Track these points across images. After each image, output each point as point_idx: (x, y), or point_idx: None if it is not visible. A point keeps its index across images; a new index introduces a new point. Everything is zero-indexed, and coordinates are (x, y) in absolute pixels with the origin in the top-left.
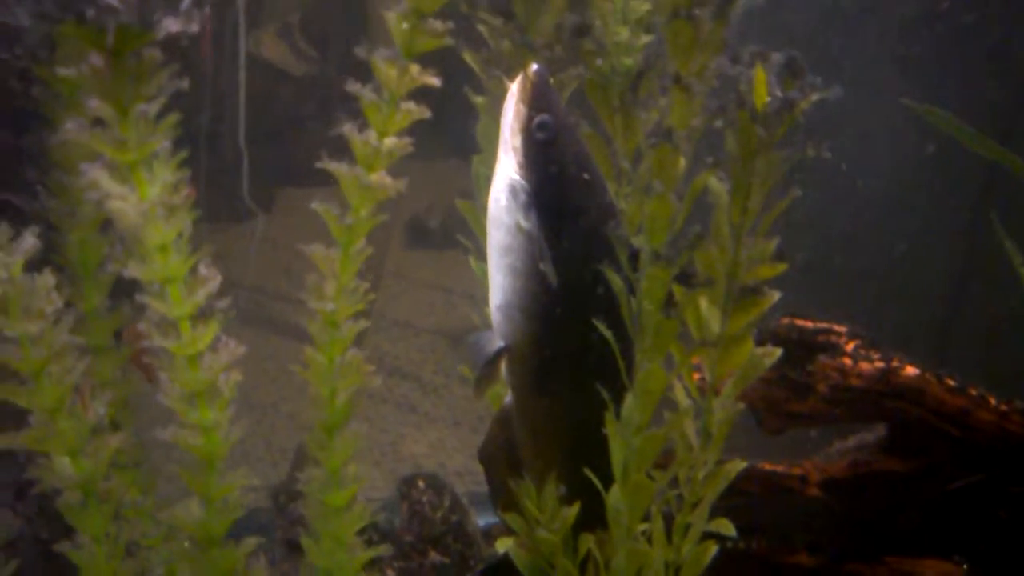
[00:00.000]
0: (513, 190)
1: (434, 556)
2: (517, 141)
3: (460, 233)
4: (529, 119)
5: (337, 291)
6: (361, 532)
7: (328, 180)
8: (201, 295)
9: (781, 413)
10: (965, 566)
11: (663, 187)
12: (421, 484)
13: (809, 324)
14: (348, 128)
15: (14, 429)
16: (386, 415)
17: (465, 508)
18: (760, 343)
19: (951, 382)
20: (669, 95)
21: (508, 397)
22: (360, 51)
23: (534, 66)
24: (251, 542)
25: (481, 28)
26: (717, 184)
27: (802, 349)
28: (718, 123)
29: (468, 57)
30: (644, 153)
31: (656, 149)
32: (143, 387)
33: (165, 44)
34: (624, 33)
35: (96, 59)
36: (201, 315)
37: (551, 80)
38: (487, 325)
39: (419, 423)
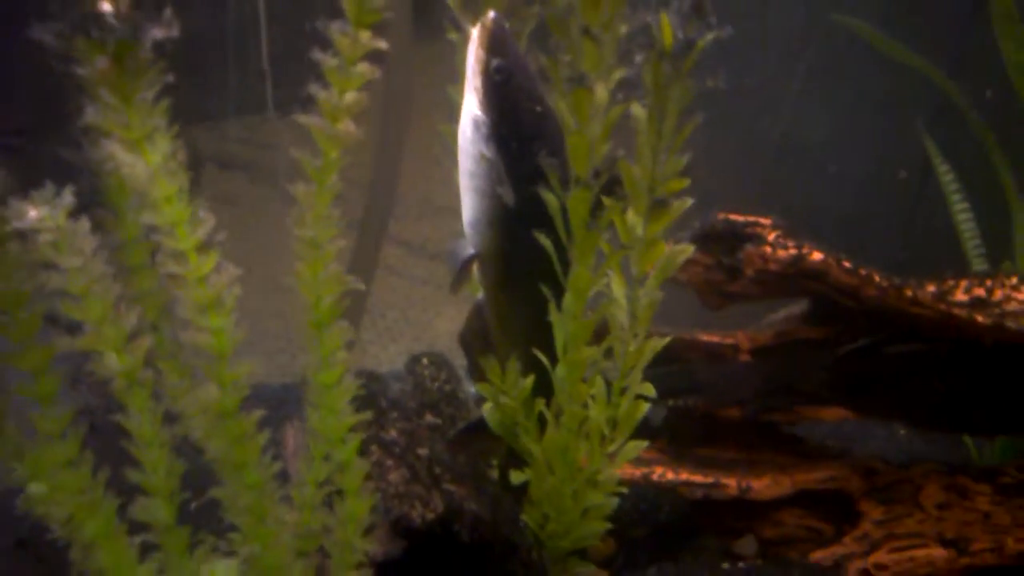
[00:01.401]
0: (476, 124)
1: (429, 418)
2: (478, 82)
3: None
4: (487, 63)
5: (315, 219)
6: (372, 401)
7: None
8: (201, 232)
9: (718, 293)
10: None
11: (579, 124)
12: (425, 361)
13: (739, 218)
14: (313, 88)
15: None
16: (425, 296)
17: (459, 379)
18: (699, 233)
19: (847, 264)
20: (581, 44)
21: (480, 294)
22: (318, 24)
23: (491, 14)
24: (257, 413)
25: None
26: (640, 110)
27: (734, 239)
28: (633, 65)
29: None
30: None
31: (572, 92)
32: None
33: None
34: None
35: (102, 63)
36: (204, 246)
37: (507, 26)
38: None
39: (455, 302)
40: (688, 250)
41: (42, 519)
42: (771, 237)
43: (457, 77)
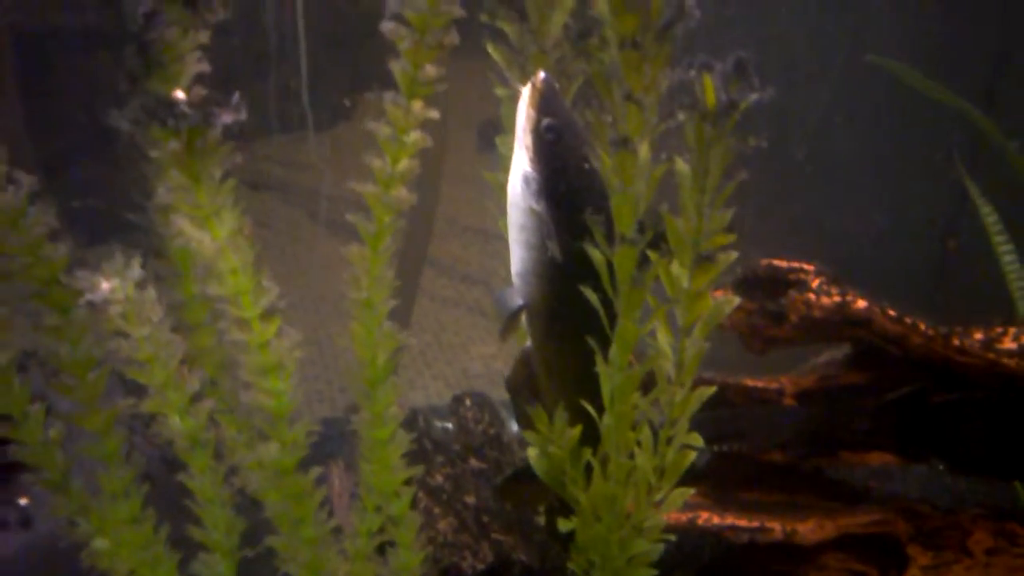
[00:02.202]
0: (527, 180)
1: (474, 463)
2: (528, 140)
3: None
4: (537, 122)
5: (370, 282)
6: (417, 442)
7: None
8: (264, 302)
9: (762, 338)
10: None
11: (623, 185)
12: (468, 402)
13: (783, 264)
14: (367, 158)
15: None
16: (459, 318)
17: (503, 421)
18: (742, 280)
19: (892, 312)
20: (624, 107)
21: (528, 342)
22: (371, 95)
23: (541, 74)
24: (316, 470)
25: (503, 26)
26: (684, 167)
27: (777, 285)
28: (675, 121)
29: (492, 51)
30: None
31: (615, 154)
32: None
33: None
34: None
35: (175, 145)
36: (267, 313)
37: (556, 85)
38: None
39: (488, 326)
40: (734, 301)
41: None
42: (815, 284)
43: (502, 127)
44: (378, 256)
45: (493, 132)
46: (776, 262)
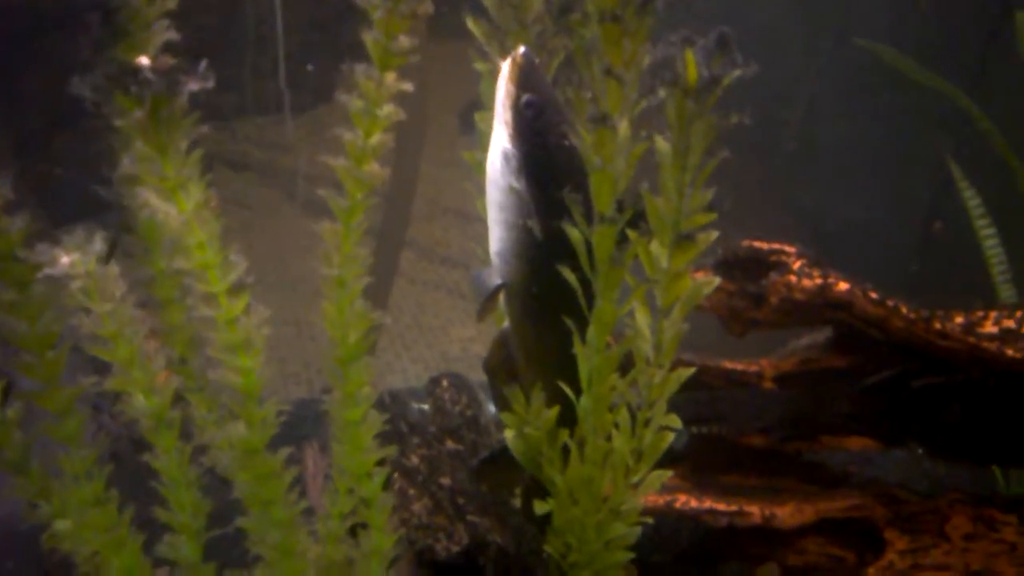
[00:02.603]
0: (506, 157)
1: (451, 444)
2: (508, 116)
3: None
4: (517, 98)
5: (342, 259)
6: (392, 424)
7: None
8: (231, 277)
9: (742, 320)
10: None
11: (602, 162)
12: (445, 383)
13: (764, 245)
14: (339, 132)
15: None
16: (439, 301)
17: (480, 403)
18: (723, 260)
19: (873, 295)
20: (604, 83)
21: (505, 323)
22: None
23: (521, 49)
24: (286, 451)
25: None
26: (664, 145)
27: (758, 266)
28: (656, 97)
29: (472, 25)
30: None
31: (595, 131)
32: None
33: None
34: None
35: (139, 114)
36: (235, 289)
37: (536, 60)
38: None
39: (468, 308)
40: (713, 282)
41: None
42: (796, 266)
43: (480, 103)
44: (350, 232)
45: (474, 113)
46: (757, 243)
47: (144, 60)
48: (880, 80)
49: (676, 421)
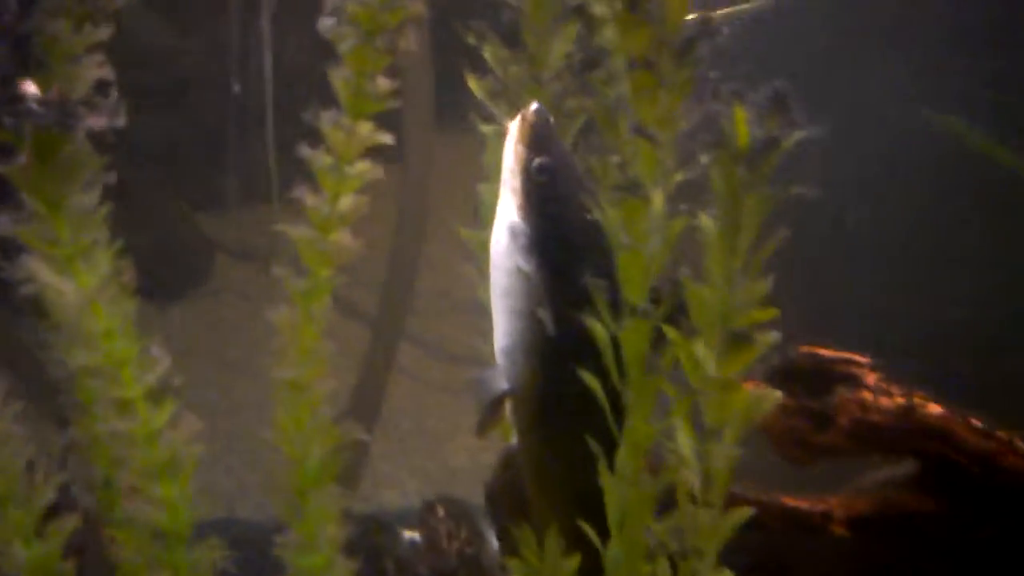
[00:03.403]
0: (513, 232)
1: None
2: (517, 183)
3: None
4: (528, 161)
5: (300, 355)
6: (375, 561)
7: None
8: (153, 376)
9: (803, 445)
10: None
11: (632, 242)
12: (440, 512)
13: (828, 353)
14: (300, 192)
15: None
16: (444, 404)
17: (484, 538)
18: (777, 371)
19: (976, 423)
20: (633, 144)
21: (513, 437)
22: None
23: (533, 106)
24: None
25: (487, 56)
26: (709, 223)
27: (821, 379)
28: (697, 165)
29: (474, 85)
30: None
31: (623, 202)
32: None
33: None
34: None
35: (22, 158)
36: (156, 393)
37: (551, 119)
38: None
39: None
40: (776, 396)
41: None
42: (870, 380)
43: (484, 173)
44: (311, 321)
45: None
46: (820, 351)
47: (30, 87)
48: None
49: None
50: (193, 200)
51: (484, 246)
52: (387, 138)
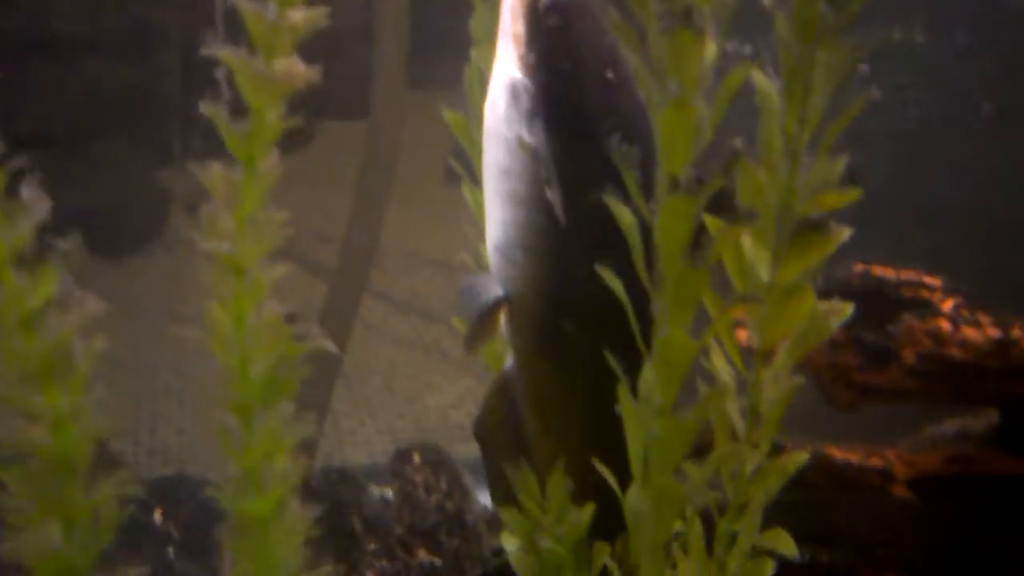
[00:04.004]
0: (514, 92)
1: (423, 555)
2: (519, 27)
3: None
4: None
5: (239, 223)
6: (339, 520)
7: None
8: (24, 227)
9: (853, 384)
10: None
11: (681, 88)
12: (417, 459)
13: (891, 273)
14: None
15: None
16: (415, 361)
17: (467, 489)
18: (825, 296)
19: None
20: None
21: (509, 359)
22: None
23: None
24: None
25: None
26: (765, 82)
27: (881, 305)
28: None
29: None
30: (654, 43)
31: (670, 36)
32: None
33: None
34: None
35: None
36: (32, 256)
37: None
38: (484, 267)
39: (448, 371)
40: (849, 308)
41: None
42: (947, 307)
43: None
44: (254, 178)
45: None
46: (879, 270)
47: None
48: None
49: (788, 542)
50: (149, 153)
51: (467, 126)
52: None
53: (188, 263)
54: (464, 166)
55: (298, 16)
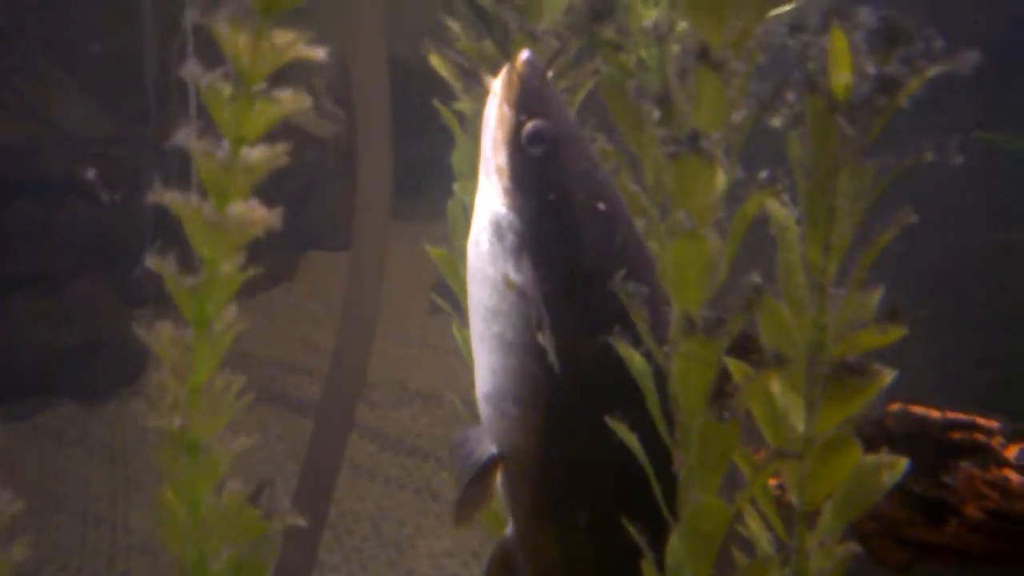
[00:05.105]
0: (498, 228)
1: None
2: (502, 158)
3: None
4: (518, 127)
5: (191, 395)
6: None
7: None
8: None
9: (904, 541)
10: None
11: (692, 220)
12: None
13: (935, 414)
14: (184, 135)
15: None
16: (404, 504)
17: None
18: (862, 435)
19: None
20: (693, 79)
21: (510, 527)
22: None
23: (524, 53)
24: None
25: (454, 25)
26: (781, 211)
27: (925, 450)
28: (774, 120)
29: (437, 63)
30: (663, 171)
31: (677, 162)
32: None
33: None
34: (654, 16)
35: None
36: None
37: (547, 72)
38: (476, 418)
39: (440, 514)
40: (903, 463)
41: None
42: (1011, 453)
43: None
44: (208, 342)
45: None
46: (919, 409)
47: None
48: None
49: None
50: (128, 294)
51: (452, 261)
52: (317, 53)
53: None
54: (449, 300)
55: (256, 154)
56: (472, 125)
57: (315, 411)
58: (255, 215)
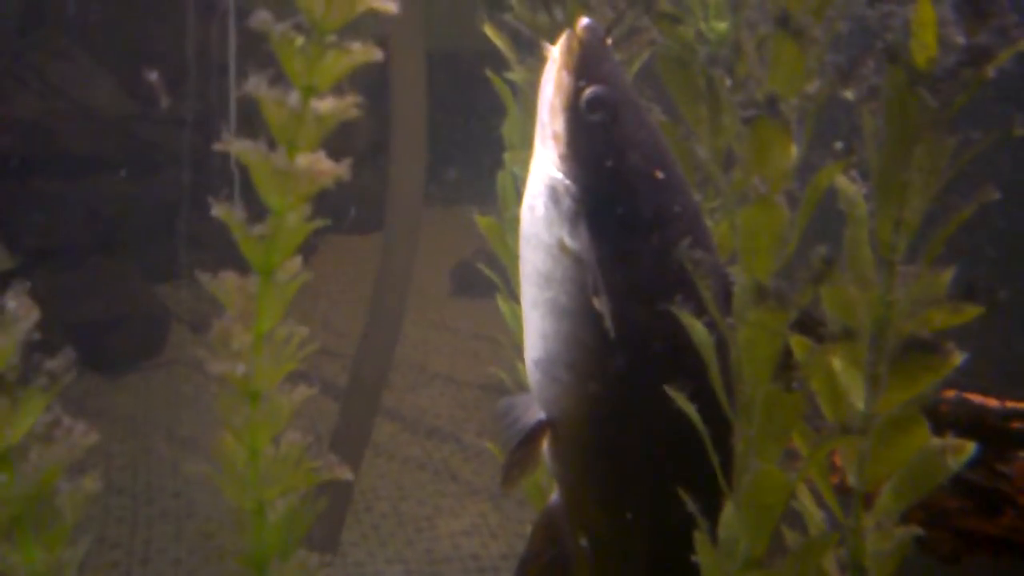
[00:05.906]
0: (554, 193)
1: None
2: (559, 124)
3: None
4: (577, 93)
5: (256, 342)
6: None
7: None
8: (6, 342)
9: (957, 532)
10: None
11: (767, 186)
12: None
13: (993, 402)
14: (255, 83)
15: None
16: (423, 483)
17: None
18: None
19: None
20: (770, 46)
21: (555, 494)
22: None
23: (584, 20)
24: None
25: None
26: (851, 186)
27: (982, 439)
28: (848, 91)
29: (491, 33)
30: (738, 144)
31: (754, 127)
32: None
33: None
34: None
35: None
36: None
37: (607, 39)
38: (523, 386)
39: (459, 494)
40: (970, 447)
41: None
42: None
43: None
44: (273, 291)
45: (467, 274)
46: (977, 397)
47: None
48: None
49: None
50: (150, 269)
51: (501, 229)
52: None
53: (188, 383)
54: (473, 280)
55: (325, 105)
56: (524, 96)
57: (342, 394)
58: (324, 165)
